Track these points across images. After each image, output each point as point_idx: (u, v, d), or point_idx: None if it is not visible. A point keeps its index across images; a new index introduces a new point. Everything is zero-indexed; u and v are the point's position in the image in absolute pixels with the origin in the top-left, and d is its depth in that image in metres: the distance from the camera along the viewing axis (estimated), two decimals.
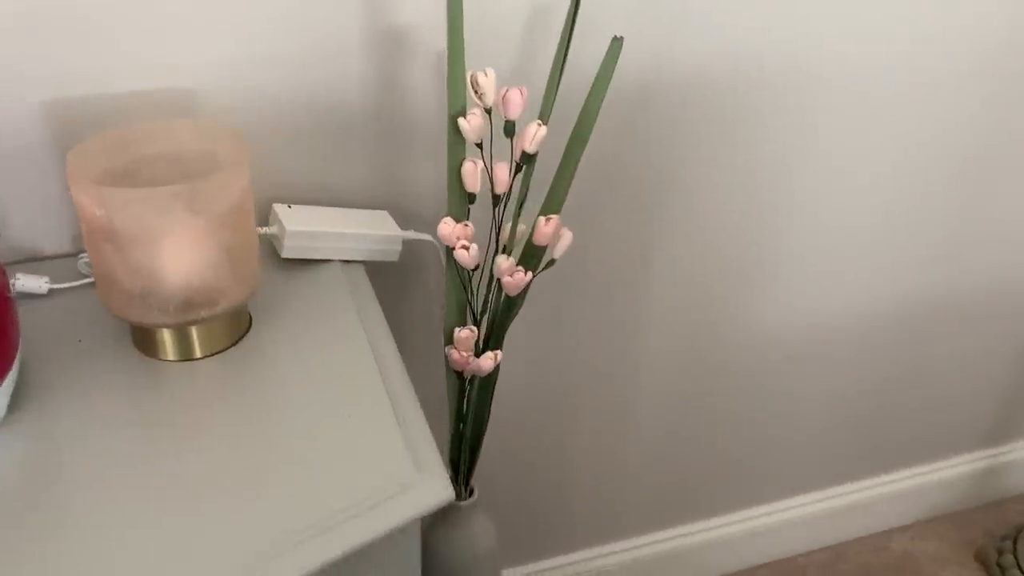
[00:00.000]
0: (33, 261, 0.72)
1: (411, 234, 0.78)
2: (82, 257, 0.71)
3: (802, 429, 1.23)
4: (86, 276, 0.70)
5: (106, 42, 0.67)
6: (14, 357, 0.56)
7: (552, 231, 0.69)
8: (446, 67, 0.67)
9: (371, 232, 0.75)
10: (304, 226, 0.72)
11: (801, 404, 1.20)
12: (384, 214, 0.79)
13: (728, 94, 0.89)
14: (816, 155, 0.98)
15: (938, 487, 1.38)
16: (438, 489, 0.53)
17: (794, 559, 1.34)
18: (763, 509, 1.29)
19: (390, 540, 0.54)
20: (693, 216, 0.97)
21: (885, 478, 1.35)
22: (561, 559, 1.18)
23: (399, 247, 0.77)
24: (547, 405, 1.05)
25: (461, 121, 0.65)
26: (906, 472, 1.36)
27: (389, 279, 0.86)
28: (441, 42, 0.75)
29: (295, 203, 0.77)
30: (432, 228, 0.79)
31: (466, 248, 0.65)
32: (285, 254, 0.72)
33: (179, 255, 0.57)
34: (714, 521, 1.26)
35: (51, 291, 0.68)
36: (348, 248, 0.74)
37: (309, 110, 0.75)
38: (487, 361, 0.71)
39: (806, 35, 0.88)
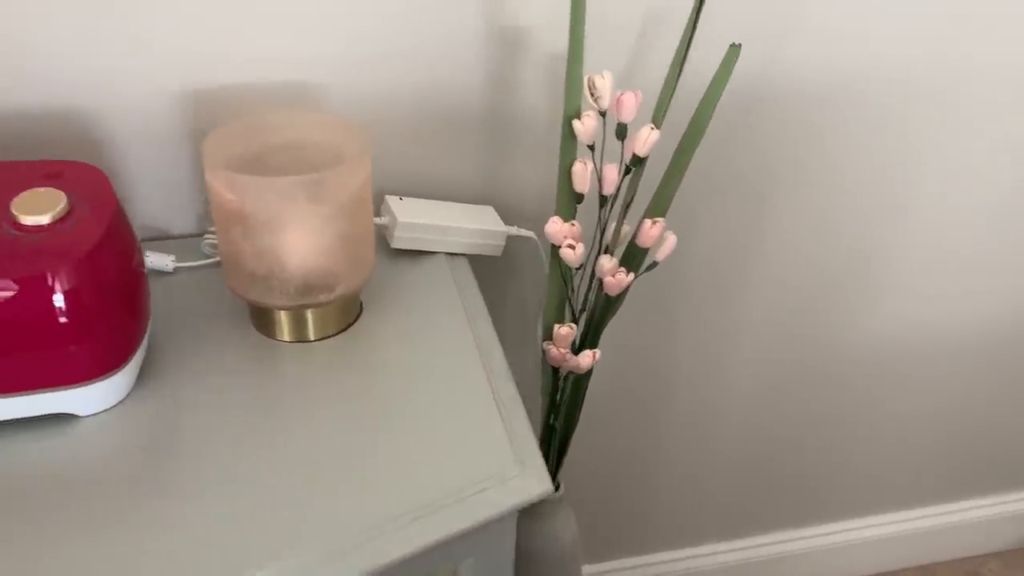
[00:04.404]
0: (161, 240, 0.77)
1: (514, 230, 0.79)
2: (206, 238, 0.75)
3: (897, 445, 1.20)
4: (208, 257, 0.74)
5: (235, 34, 0.70)
6: (146, 328, 0.60)
7: (658, 234, 0.70)
8: (562, 69, 0.67)
9: (477, 227, 0.77)
10: (415, 218, 0.74)
11: (898, 420, 1.17)
12: (489, 209, 0.81)
13: (839, 100, 0.88)
14: (928, 164, 0.95)
15: None
16: (537, 482, 0.55)
17: None
18: (849, 524, 1.26)
19: (486, 530, 0.55)
20: (798, 222, 0.95)
21: (980, 501, 1.31)
22: (635, 559, 1.19)
23: (503, 243, 0.78)
24: (636, 404, 1.05)
25: (576, 123, 0.66)
26: (1003, 497, 1.31)
27: (487, 273, 0.87)
28: (553, 44, 0.76)
29: (404, 195, 0.80)
30: (532, 225, 0.81)
31: (572, 247, 0.66)
32: (395, 244, 0.74)
33: (301, 241, 0.60)
34: (799, 532, 1.24)
35: (176, 269, 0.72)
36: (454, 241, 0.76)
37: (422, 106, 0.77)
38: (585, 359, 0.72)
39: (923, 40, 0.86)
